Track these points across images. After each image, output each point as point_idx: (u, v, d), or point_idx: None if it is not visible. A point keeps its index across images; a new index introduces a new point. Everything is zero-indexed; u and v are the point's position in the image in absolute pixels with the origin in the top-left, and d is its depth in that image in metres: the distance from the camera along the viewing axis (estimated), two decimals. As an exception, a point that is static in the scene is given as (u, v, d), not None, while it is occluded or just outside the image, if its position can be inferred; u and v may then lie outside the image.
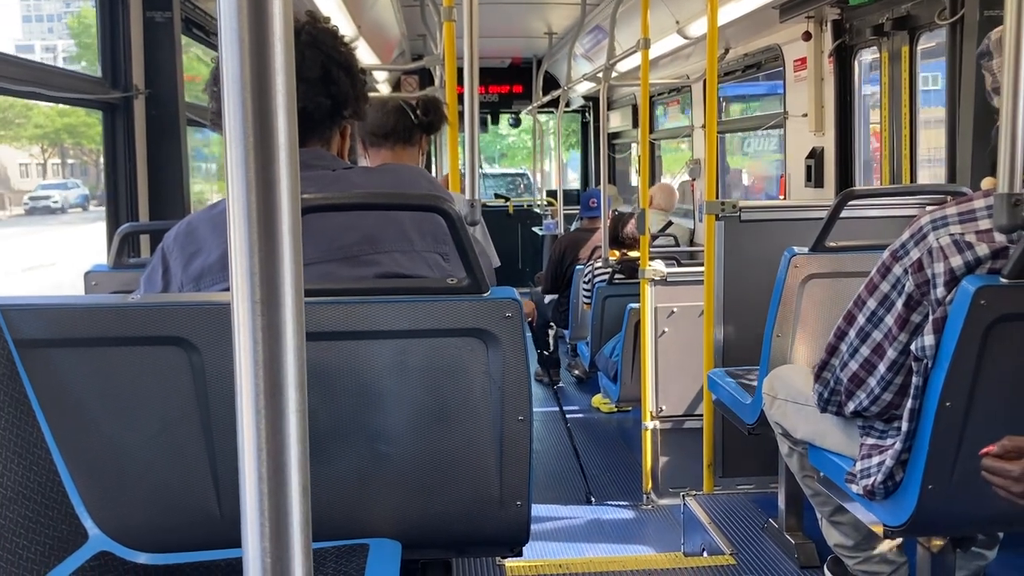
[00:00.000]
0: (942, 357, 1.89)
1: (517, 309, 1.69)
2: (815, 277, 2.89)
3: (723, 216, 3.54)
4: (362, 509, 1.73)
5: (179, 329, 1.61)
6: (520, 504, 1.77)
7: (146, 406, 1.66)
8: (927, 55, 4.24)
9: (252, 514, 0.59)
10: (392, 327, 1.66)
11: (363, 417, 1.70)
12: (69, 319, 1.62)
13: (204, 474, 1.67)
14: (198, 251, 1.75)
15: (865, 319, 2.05)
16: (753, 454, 3.69)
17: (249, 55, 0.56)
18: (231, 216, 0.57)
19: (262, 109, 0.57)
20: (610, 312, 5.29)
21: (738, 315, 3.57)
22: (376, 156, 2.90)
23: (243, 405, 0.58)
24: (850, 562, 2.58)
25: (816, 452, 2.40)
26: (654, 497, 4.37)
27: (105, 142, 3.29)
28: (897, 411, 2.04)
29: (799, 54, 5.22)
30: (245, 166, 0.57)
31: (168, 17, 3.34)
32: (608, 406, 5.99)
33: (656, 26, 5.46)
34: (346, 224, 1.77)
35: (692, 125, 7.73)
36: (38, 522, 1.50)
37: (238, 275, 0.57)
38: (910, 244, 1.96)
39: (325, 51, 1.78)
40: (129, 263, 2.49)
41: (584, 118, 11.93)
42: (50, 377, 1.61)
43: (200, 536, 1.66)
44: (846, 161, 4.88)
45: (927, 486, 1.96)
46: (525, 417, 1.73)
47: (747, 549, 3.02)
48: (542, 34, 8.96)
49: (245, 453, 0.58)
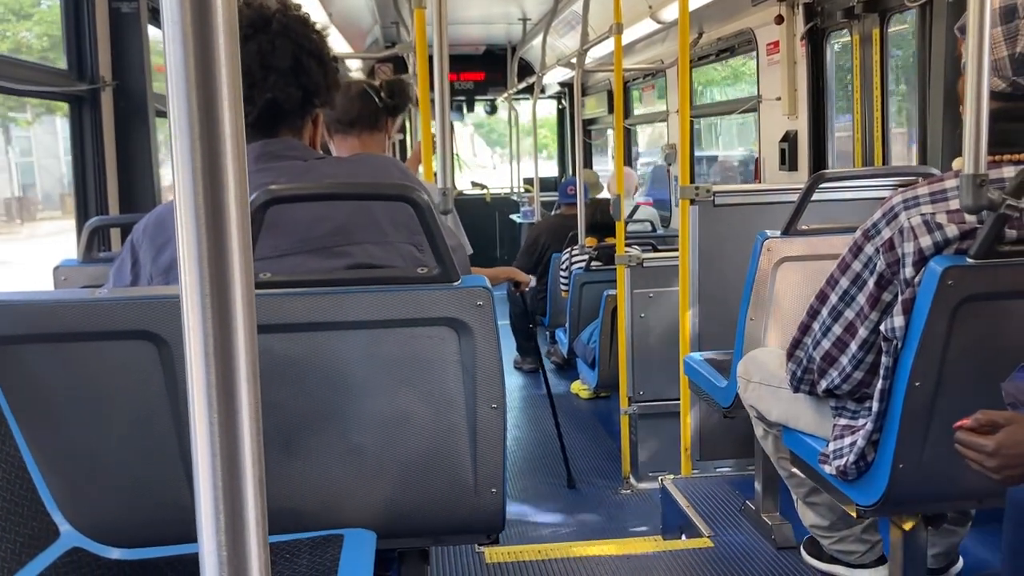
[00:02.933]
0: (911, 337, 1.90)
1: (488, 297, 1.69)
2: (788, 260, 2.90)
3: (697, 200, 3.54)
4: (336, 500, 1.73)
5: (148, 323, 1.60)
6: (495, 491, 1.77)
7: (116, 401, 1.65)
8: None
9: (207, 509, 0.59)
10: (363, 317, 1.66)
11: (335, 409, 1.69)
12: (36, 315, 1.60)
13: (175, 468, 1.66)
14: (167, 242, 1.74)
15: (837, 298, 2.07)
16: (730, 437, 3.72)
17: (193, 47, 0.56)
18: (179, 209, 0.57)
19: (207, 101, 0.56)
20: (587, 298, 5.31)
21: (713, 299, 3.59)
22: (342, 144, 2.89)
23: (196, 400, 0.58)
24: (825, 542, 2.60)
25: (790, 434, 2.41)
26: (633, 481, 4.39)
27: (72, 135, 3.25)
28: (868, 390, 2.06)
29: (772, 38, 5.23)
30: (192, 158, 0.56)
31: (134, 7, 3.31)
32: (587, 392, 6.01)
33: (629, 11, 5.46)
34: (318, 215, 1.76)
35: (668, 110, 7.74)
36: (8, 520, 1.49)
37: (186, 269, 0.57)
38: (882, 223, 1.97)
39: (296, 40, 1.77)
40: (99, 257, 2.47)
41: (560, 104, 11.91)
42: (18, 374, 1.60)
43: (173, 530, 1.65)
44: (819, 144, 4.90)
45: (898, 465, 1.98)
46: (498, 405, 1.73)
47: (725, 531, 3.04)
48: (516, 20, 8.93)
49: (198, 448, 0.58)
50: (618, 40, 4.40)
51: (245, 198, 0.58)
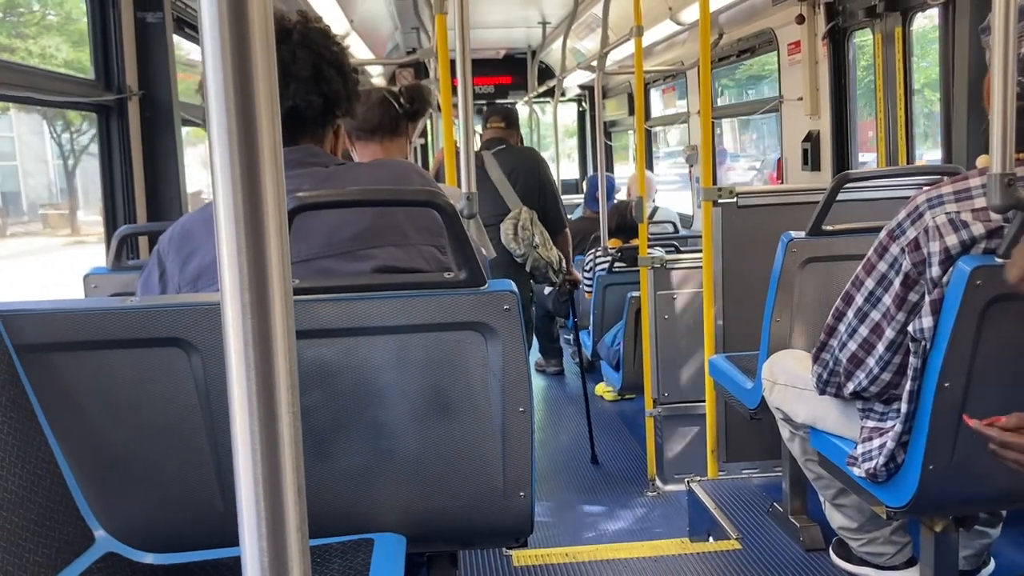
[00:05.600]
0: (940, 338, 1.89)
1: (515, 301, 1.70)
2: (813, 261, 2.89)
3: (720, 202, 3.53)
4: (366, 504, 1.74)
5: (179, 330, 1.62)
6: (523, 495, 1.78)
7: (148, 407, 1.67)
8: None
9: (248, 515, 0.60)
10: (391, 322, 1.67)
11: (364, 413, 1.70)
12: (69, 323, 1.62)
13: (208, 473, 1.68)
14: (194, 252, 1.76)
15: (863, 299, 2.06)
16: (756, 439, 3.70)
17: (231, 59, 0.57)
18: (218, 220, 0.58)
19: (245, 112, 0.57)
20: (611, 300, 5.30)
21: (738, 300, 3.57)
22: (364, 150, 2.92)
23: (236, 408, 0.59)
24: (854, 544, 2.59)
25: (817, 436, 2.40)
26: (659, 484, 4.38)
27: (100, 144, 3.29)
28: (896, 391, 2.05)
29: (793, 38, 5.21)
30: (230, 169, 0.57)
31: (160, 17, 3.34)
32: (611, 394, 6.01)
33: (649, 13, 5.45)
34: (341, 220, 1.78)
35: (688, 112, 7.72)
36: (44, 525, 1.51)
37: (227, 278, 0.58)
38: (907, 223, 1.96)
39: (316, 50, 1.79)
40: (128, 264, 2.50)
41: (580, 107, 11.91)
42: (52, 381, 1.62)
43: (206, 534, 1.67)
44: (842, 144, 4.88)
45: (928, 466, 1.97)
46: (526, 408, 1.73)
47: (752, 533, 3.03)
48: (536, 24, 8.94)
49: (240, 456, 0.59)
50: (638, 42, 4.40)
51: (282, 207, 0.59)
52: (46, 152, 5.70)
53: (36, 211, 6.41)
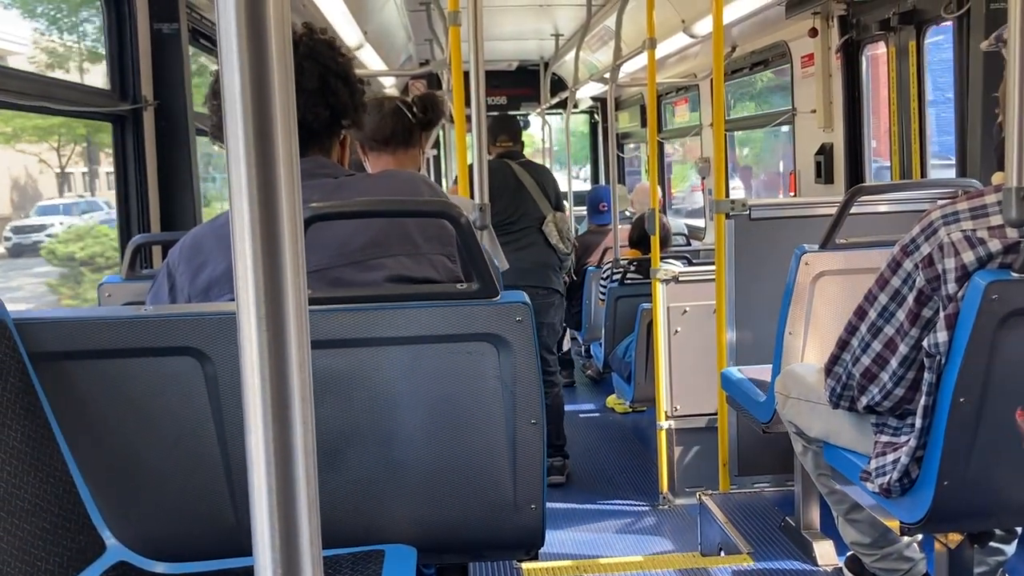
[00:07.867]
0: (955, 353, 1.88)
1: (528, 313, 1.70)
2: (826, 274, 2.88)
3: (733, 215, 3.53)
4: (377, 515, 1.74)
5: (192, 339, 1.62)
6: (535, 507, 1.77)
7: (161, 416, 1.68)
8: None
9: (262, 525, 0.60)
10: (404, 333, 1.67)
11: (377, 423, 1.70)
12: (83, 331, 1.63)
13: (220, 482, 1.68)
14: (204, 263, 1.77)
15: (876, 314, 2.05)
16: (769, 452, 3.68)
17: (248, 72, 0.57)
18: (234, 231, 0.58)
19: (262, 125, 0.57)
20: (622, 312, 5.29)
21: (751, 313, 3.56)
22: (377, 161, 2.91)
23: (251, 418, 0.59)
24: (868, 560, 2.57)
25: (831, 450, 2.39)
26: (670, 497, 4.36)
27: (115, 154, 3.31)
28: (909, 406, 2.03)
29: (806, 50, 5.20)
30: (247, 181, 0.57)
31: (175, 28, 3.37)
32: (623, 406, 5.99)
33: (662, 25, 5.46)
34: (351, 229, 1.78)
35: (701, 124, 7.72)
36: (56, 534, 1.51)
37: (242, 290, 0.58)
38: (920, 239, 1.95)
39: (323, 62, 1.80)
40: (142, 274, 2.51)
41: (593, 119, 11.91)
42: (65, 389, 1.62)
43: (217, 544, 1.67)
44: (856, 157, 4.86)
45: (942, 482, 1.96)
46: (537, 420, 1.73)
47: (764, 548, 3.01)
48: (548, 36, 8.96)
49: (254, 466, 0.59)
50: (651, 55, 4.40)
51: (298, 219, 0.59)
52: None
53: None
